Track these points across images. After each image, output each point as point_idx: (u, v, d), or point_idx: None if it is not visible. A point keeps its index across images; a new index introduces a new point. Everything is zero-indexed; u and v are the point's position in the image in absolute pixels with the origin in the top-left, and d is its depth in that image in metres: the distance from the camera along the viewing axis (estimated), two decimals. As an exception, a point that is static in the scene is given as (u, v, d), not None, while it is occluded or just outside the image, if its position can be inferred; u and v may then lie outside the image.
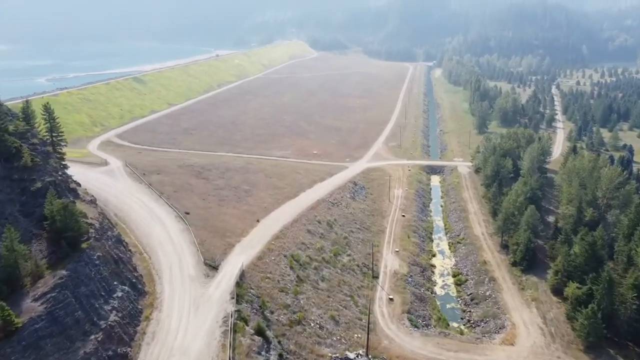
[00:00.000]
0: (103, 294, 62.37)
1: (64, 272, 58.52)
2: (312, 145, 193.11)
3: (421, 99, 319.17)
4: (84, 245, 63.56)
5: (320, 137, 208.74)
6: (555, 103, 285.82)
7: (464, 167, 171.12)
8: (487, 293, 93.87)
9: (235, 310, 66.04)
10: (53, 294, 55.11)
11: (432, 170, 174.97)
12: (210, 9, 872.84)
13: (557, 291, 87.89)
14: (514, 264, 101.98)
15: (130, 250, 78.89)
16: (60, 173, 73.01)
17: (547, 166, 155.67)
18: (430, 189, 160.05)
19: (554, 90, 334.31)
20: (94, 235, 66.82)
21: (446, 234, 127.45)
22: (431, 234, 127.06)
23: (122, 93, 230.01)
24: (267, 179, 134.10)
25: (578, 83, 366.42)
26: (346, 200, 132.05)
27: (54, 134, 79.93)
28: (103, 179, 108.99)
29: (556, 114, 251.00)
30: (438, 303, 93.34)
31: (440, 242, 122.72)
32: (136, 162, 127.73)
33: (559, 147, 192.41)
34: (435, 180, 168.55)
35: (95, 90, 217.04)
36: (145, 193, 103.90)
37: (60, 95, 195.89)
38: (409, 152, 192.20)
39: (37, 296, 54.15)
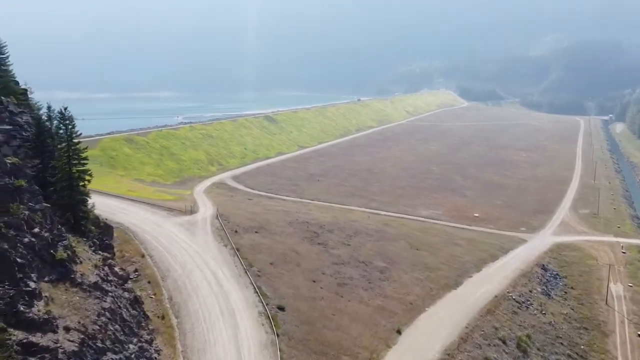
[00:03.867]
0: None
1: None
2: (470, 205, 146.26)
3: (608, 157, 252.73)
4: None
5: (480, 195, 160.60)
6: None
7: None
8: None
9: None
10: None
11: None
12: (355, 60, 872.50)
13: None
14: None
15: (154, 387, 40.92)
16: (43, 232, 38.39)
17: None
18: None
19: None
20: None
21: None
22: None
23: (250, 131, 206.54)
24: (412, 252, 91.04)
25: None
26: (537, 297, 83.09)
27: (72, 155, 47.20)
28: (176, 235, 75.21)
29: None
30: None
31: None
32: (234, 212, 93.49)
33: None
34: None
35: (220, 126, 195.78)
36: (226, 263, 67.26)
37: (180, 129, 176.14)
38: (612, 224, 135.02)
39: None
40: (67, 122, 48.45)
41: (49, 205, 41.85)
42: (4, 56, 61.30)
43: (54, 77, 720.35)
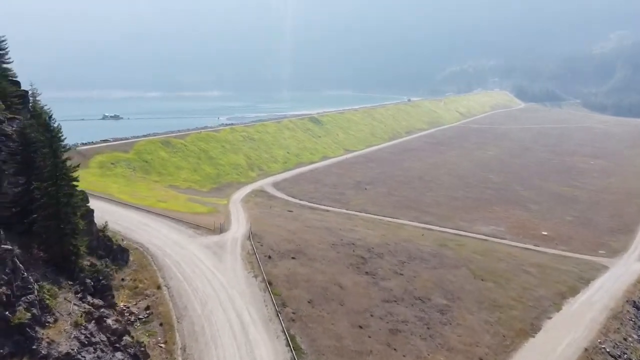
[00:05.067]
0: None
1: None
2: (537, 220, 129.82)
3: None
4: None
5: (547, 209, 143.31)
6: None
7: None
8: None
9: None
10: None
11: None
12: (406, 59, 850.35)
13: None
14: None
15: None
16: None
17: None
18: None
19: None
20: None
21: None
22: None
23: (293, 134, 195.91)
24: (477, 283, 77.12)
25: None
26: (635, 347, 67.66)
27: (59, 175, 37.19)
28: (200, 261, 64.72)
29: None
30: None
31: None
32: (270, 230, 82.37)
33: None
34: None
35: (263, 128, 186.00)
36: (255, 300, 55.96)
37: (221, 131, 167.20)
38: None
39: None
40: (53, 134, 38.38)
41: (9, 247, 31.51)
42: (3, 52, 52.68)
43: (111, 76, 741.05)
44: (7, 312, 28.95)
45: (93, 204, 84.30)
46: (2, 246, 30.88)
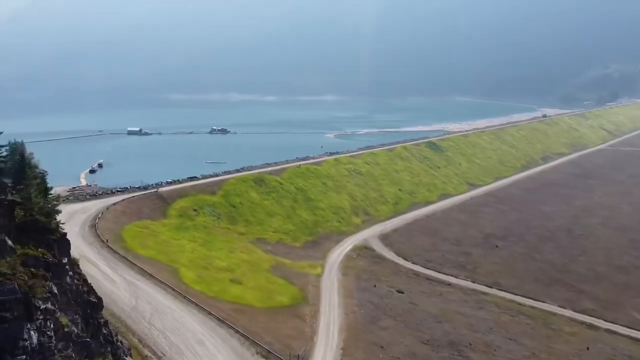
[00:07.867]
0: None
1: None
2: None
3: None
4: None
5: None
6: None
7: None
8: None
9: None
10: None
11: None
12: (536, 61, 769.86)
13: None
14: None
15: None
16: None
17: None
18: None
19: None
20: None
21: None
22: None
23: (407, 164, 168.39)
24: None
25: None
26: None
27: None
28: None
29: None
30: None
31: None
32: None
33: None
34: None
35: (372, 158, 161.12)
36: None
37: (323, 164, 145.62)
38: None
39: None
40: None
41: None
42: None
43: (230, 80, 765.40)
44: None
45: (147, 289, 66.91)
46: None
